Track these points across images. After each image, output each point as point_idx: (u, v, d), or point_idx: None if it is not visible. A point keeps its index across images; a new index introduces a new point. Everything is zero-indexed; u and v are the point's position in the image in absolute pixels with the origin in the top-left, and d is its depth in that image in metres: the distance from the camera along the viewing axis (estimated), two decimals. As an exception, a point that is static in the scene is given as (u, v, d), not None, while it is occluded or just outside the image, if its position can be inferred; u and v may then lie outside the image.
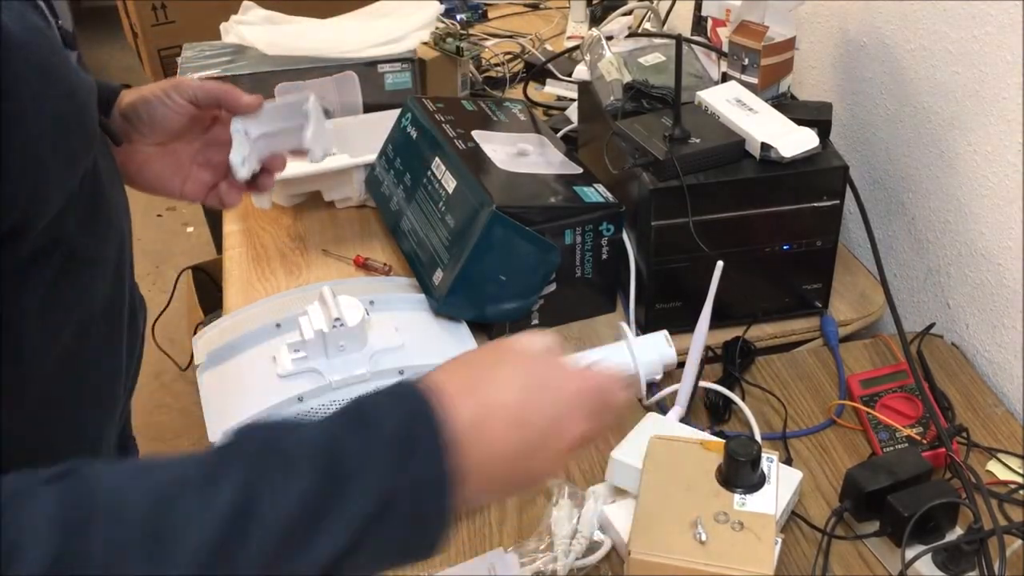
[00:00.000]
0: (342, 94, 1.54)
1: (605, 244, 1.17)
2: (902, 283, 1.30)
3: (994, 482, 0.99)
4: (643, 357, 1.07)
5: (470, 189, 1.12)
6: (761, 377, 1.14)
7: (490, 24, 2.07)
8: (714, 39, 1.36)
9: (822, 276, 1.18)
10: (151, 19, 2.57)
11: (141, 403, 2.43)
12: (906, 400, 1.05)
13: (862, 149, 1.35)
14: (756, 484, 0.84)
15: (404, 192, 1.27)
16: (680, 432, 0.97)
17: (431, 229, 1.18)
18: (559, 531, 0.92)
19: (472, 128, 1.27)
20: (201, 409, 1.06)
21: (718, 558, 0.79)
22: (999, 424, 1.06)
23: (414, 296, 1.19)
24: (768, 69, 1.20)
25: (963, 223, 1.16)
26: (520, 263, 1.12)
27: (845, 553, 0.92)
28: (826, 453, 1.04)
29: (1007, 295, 1.10)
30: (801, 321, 1.21)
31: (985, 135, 1.09)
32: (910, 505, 0.84)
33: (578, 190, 1.17)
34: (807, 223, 1.13)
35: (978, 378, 1.13)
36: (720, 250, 1.07)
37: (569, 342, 1.19)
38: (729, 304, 1.15)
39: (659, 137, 1.11)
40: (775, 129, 1.11)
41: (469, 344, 1.14)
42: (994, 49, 1.06)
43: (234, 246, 1.39)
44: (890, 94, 1.26)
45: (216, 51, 1.56)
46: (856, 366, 1.15)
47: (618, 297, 1.24)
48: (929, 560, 0.85)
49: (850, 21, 1.33)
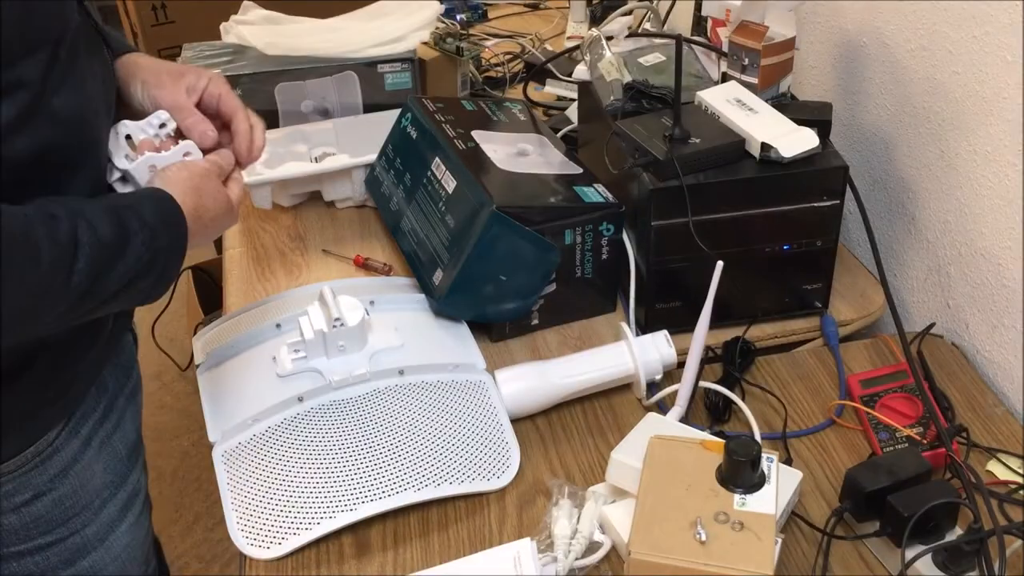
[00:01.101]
0: (342, 94, 1.54)
1: (605, 244, 1.17)
2: (902, 283, 1.30)
3: (994, 482, 0.99)
4: (643, 357, 1.08)
5: (470, 189, 1.12)
6: (761, 377, 1.14)
7: (490, 24, 2.07)
8: (714, 39, 1.36)
9: (822, 276, 1.18)
10: (151, 19, 2.57)
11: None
12: (906, 400, 1.05)
13: (862, 149, 1.35)
14: (756, 484, 0.84)
15: (404, 192, 1.27)
16: (680, 432, 0.97)
17: (431, 229, 1.18)
18: (559, 531, 0.92)
19: (472, 128, 1.27)
20: (201, 409, 1.06)
21: (718, 558, 0.78)
22: (999, 424, 1.06)
23: (414, 296, 1.19)
24: (768, 69, 1.20)
25: (963, 223, 1.16)
26: (520, 263, 1.12)
27: (845, 553, 0.92)
28: (826, 453, 1.04)
29: (1007, 295, 1.10)
30: (801, 321, 1.21)
31: (985, 135, 1.10)
32: (910, 505, 0.84)
33: (578, 190, 1.17)
34: (807, 223, 1.13)
35: (978, 378, 1.13)
36: (720, 250, 1.07)
37: (569, 342, 1.19)
38: (729, 304, 1.15)
39: (659, 137, 1.11)
40: (775, 129, 1.11)
41: (469, 344, 1.14)
42: (994, 49, 1.06)
43: (234, 246, 1.39)
44: (890, 94, 1.26)
45: (216, 51, 1.56)
46: (856, 366, 1.15)
47: (618, 297, 1.24)
48: (929, 560, 0.85)
49: (850, 21, 1.33)
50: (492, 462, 1.01)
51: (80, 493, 0.93)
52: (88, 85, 0.83)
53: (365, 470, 0.97)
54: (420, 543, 0.95)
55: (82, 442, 0.92)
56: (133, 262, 0.79)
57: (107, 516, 0.97)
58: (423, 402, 1.04)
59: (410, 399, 1.04)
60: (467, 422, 1.03)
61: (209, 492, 2.19)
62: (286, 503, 0.95)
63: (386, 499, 0.95)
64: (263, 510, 0.95)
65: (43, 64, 0.76)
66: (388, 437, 1.00)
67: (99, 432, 0.95)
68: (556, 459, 1.04)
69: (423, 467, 0.98)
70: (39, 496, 0.90)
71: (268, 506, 0.95)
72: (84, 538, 0.95)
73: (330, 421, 1.01)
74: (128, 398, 1.01)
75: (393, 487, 0.96)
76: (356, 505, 0.95)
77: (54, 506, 0.91)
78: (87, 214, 0.77)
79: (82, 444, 0.92)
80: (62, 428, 0.90)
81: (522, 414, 1.07)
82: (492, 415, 1.04)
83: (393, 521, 0.97)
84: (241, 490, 0.97)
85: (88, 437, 0.93)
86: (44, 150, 0.78)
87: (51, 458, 0.89)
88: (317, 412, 1.02)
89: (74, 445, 0.91)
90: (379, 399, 1.03)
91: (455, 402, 1.05)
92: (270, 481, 0.97)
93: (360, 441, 0.99)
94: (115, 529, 0.98)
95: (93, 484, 0.94)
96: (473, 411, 1.04)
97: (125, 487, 0.99)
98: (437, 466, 0.99)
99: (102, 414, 0.95)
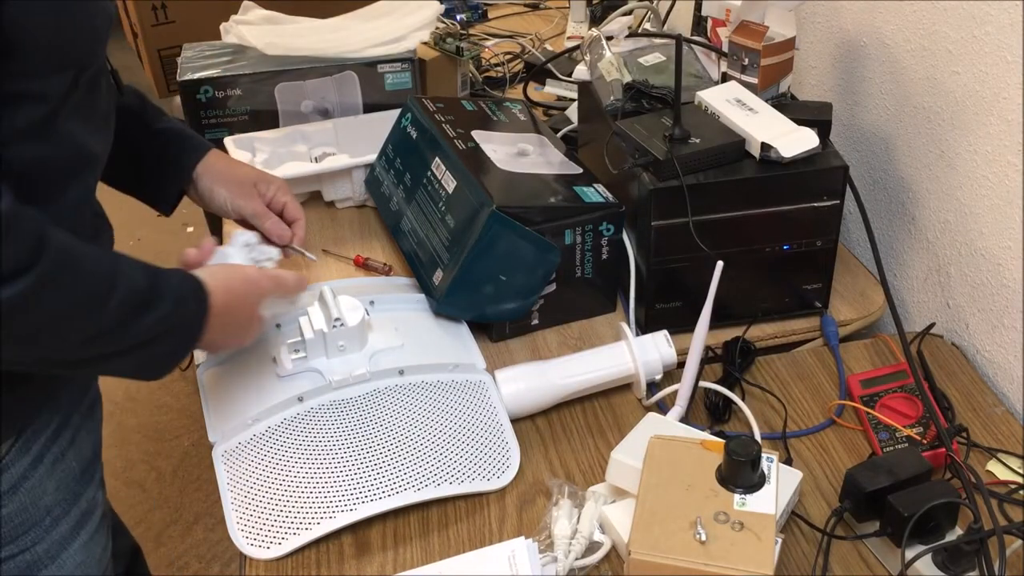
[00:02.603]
0: (342, 94, 1.54)
1: (605, 244, 1.17)
2: (902, 283, 1.30)
3: (994, 482, 0.99)
4: (643, 357, 1.08)
5: (470, 189, 1.12)
6: (761, 377, 1.14)
7: (490, 24, 2.07)
8: (714, 39, 1.36)
9: (822, 276, 1.18)
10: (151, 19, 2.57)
11: (141, 403, 2.44)
12: (906, 400, 1.05)
13: (862, 149, 1.35)
14: (756, 484, 0.84)
15: (404, 192, 1.27)
16: (680, 432, 0.97)
17: (431, 229, 1.18)
18: (559, 531, 0.92)
19: (472, 128, 1.27)
20: (201, 409, 1.06)
21: (718, 558, 0.79)
22: (999, 424, 1.06)
23: (414, 296, 1.19)
24: (768, 69, 1.20)
25: (963, 223, 1.16)
26: (520, 263, 1.12)
27: (845, 553, 0.92)
28: (826, 453, 1.04)
29: (1007, 295, 1.10)
30: (801, 321, 1.21)
31: (985, 135, 1.10)
32: (910, 505, 0.84)
33: (578, 190, 1.17)
34: (807, 223, 1.13)
35: (978, 378, 1.13)
36: (720, 250, 1.07)
37: (569, 342, 1.19)
38: (729, 304, 1.15)
39: (659, 137, 1.11)
40: (775, 129, 1.11)
41: (469, 344, 1.14)
42: (994, 49, 1.06)
43: (234, 246, 1.39)
44: (890, 94, 1.26)
45: (216, 51, 1.56)
46: (856, 366, 1.15)
47: (618, 297, 1.24)
48: (929, 560, 0.85)
49: (850, 21, 1.33)
50: (492, 462, 1.01)
51: (30, 510, 0.92)
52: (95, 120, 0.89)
53: (365, 470, 0.97)
54: (420, 543, 0.95)
55: (32, 459, 0.91)
56: (157, 321, 0.83)
57: (59, 534, 0.95)
58: (423, 402, 1.04)
59: (410, 399, 1.04)
60: (467, 422, 1.03)
61: (209, 492, 2.19)
62: (286, 503, 0.95)
63: (386, 499, 0.95)
64: (263, 510, 0.95)
65: (64, 86, 0.81)
66: (388, 437, 1.00)
67: (51, 449, 0.93)
68: (556, 459, 1.04)
69: (423, 467, 0.98)
70: None
71: (268, 506, 0.95)
72: (35, 555, 0.94)
73: (330, 421, 1.01)
74: (84, 415, 0.99)
75: (393, 487, 0.96)
76: (356, 505, 0.95)
77: (3, 523, 0.90)
78: (123, 261, 0.83)
79: (32, 461, 0.91)
80: (12, 445, 0.89)
81: (522, 414, 1.07)
82: (492, 415, 1.04)
83: (393, 521, 0.97)
84: (241, 490, 0.97)
85: (39, 454, 0.92)
86: (42, 165, 0.81)
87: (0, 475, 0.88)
88: (317, 412, 1.02)
89: (24, 462, 0.90)
90: (379, 399, 1.03)
91: (455, 402, 1.05)
92: (270, 481, 0.97)
93: (360, 441, 0.99)
94: (67, 547, 0.97)
95: (44, 502, 0.93)
96: (473, 411, 1.04)
97: (79, 504, 0.98)
98: (437, 466, 0.99)
99: (55, 431, 0.94)
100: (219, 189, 1.11)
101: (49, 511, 0.94)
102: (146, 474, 2.26)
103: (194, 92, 1.49)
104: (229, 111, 1.51)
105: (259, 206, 1.11)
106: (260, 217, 1.11)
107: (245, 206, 1.11)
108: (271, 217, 1.11)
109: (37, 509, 0.93)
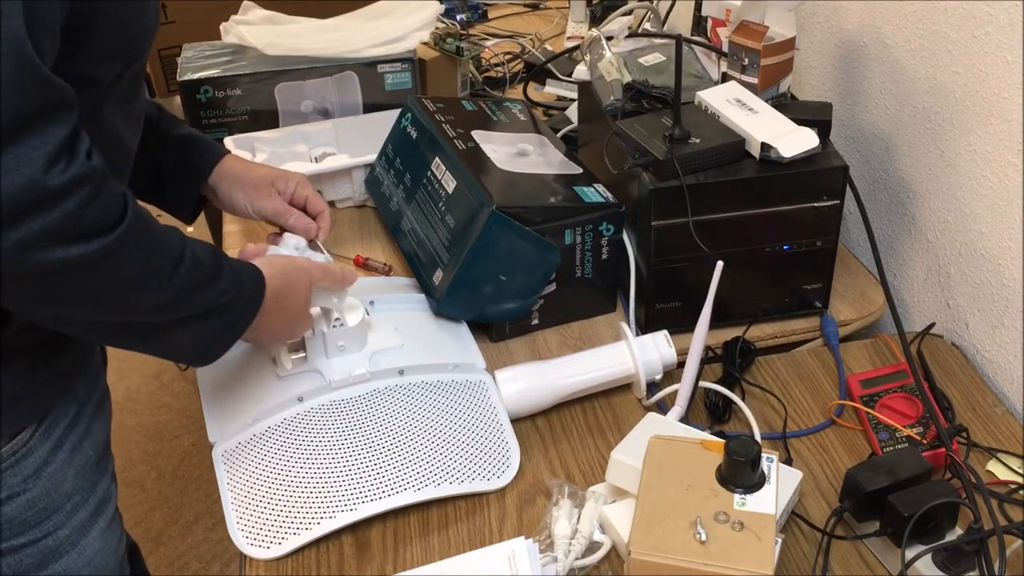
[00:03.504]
0: (342, 94, 1.54)
1: (605, 244, 1.17)
2: (902, 283, 1.30)
3: (994, 482, 0.99)
4: (643, 357, 1.07)
5: (470, 189, 1.12)
6: (761, 377, 1.14)
7: (490, 24, 2.07)
8: (714, 39, 1.36)
9: (822, 276, 1.18)
10: (151, 19, 2.58)
11: (141, 403, 2.44)
12: (906, 400, 1.05)
13: (862, 149, 1.35)
14: (756, 484, 0.84)
15: (404, 192, 1.27)
16: (680, 432, 0.97)
17: (431, 229, 1.18)
18: (559, 531, 0.92)
19: (472, 128, 1.27)
20: (201, 409, 1.06)
21: (718, 558, 0.78)
22: (999, 424, 1.06)
23: (414, 296, 1.19)
24: (768, 69, 1.20)
25: (963, 223, 1.16)
26: (520, 263, 1.12)
27: (845, 553, 0.92)
28: (826, 453, 1.04)
29: (1007, 295, 1.10)
30: (801, 321, 1.21)
31: (985, 135, 1.10)
32: (910, 505, 0.84)
33: (578, 190, 1.17)
34: (807, 223, 1.13)
35: (978, 378, 1.13)
36: (720, 250, 1.07)
37: (569, 342, 1.19)
38: (729, 304, 1.15)
39: (659, 137, 1.11)
40: (775, 129, 1.11)
41: (469, 344, 1.14)
42: (994, 49, 1.06)
43: (234, 246, 1.39)
44: (890, 94, 1.26)
45: (216, 51, 1.56)
46: (856, 366, 1.15)
47: (618, 297, 1.24)
48: (929, 560, 0.85)
49: (850, 21, 1.33)
50: (492, 462, 1.01)
51: (52, 495, 0.93)
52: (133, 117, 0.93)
53: (365, 470, 0.97)
54: (420, 543, 0.95)
55: (53, 445, 0.93)
56: (217, 294, 0.86)
57: (78, 520, 0.97)
58: (423, 402, 1.04)
59: (410, 399, 1.04)
60: (467, 422, 1.03)
61: (209, 492, 2.18)
62: (286, 503, 0.95)
63: (386, 499, 0.95)
64: (263, 510, 0.95)
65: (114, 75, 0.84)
66: (388, 437, 1.00)
67: (70, 437, 0.95)
68: (556, 459, 1.04)
69: (423, 467, 0.98)
70: (12, 497, 0.90)
71: (268, 506, 0.95)
72: (56, 540, 0.95)
73: (330, 421, 1.01)
74: (96, 406, 1.01)
75: (393, 487, 0.96)
76: (356, 505, 0.95)
77: (27, 507, 0.92)
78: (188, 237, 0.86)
79: (53, 447, 0.93)
80: (34, 431, 0.90)
81: (522, 414, 1.07)
82: (492, 415, 1.04)
83: (393, 521, 0.97)
84: (241, 490, 0.97)
85: (59, 441, 0.93)
86: None
87: (25, 459, 0.90)
88: (317, 412, 1.01)
89: (46, 447, 0.92)
90: (379, 399, 1.03)
91: (455, 402, 1.05)
92: (270, 481, 0.97)
93: (360, 441, 0.99)
94: (87, 534, 0.98)
95: (64, 488, 0.95)
96: (473, 411, 1.04)
97: (95, 493, 0.99)
98: (437, 466, 0.99)
99: (72, 420, 0.95)
100: (236, 193, 1.12)
101: (69, 497, 0.95)
102: (146, 474, 2.26)
103: (194, 92, 1.49)
104: (229, 111, 1.51)
105: (279, 204, 1.12)
106: (282, 215, 1.12)
107: (265, 206, 1.12)
108: (294, 213, 1.12)
109: (59, 495, 0.94)
